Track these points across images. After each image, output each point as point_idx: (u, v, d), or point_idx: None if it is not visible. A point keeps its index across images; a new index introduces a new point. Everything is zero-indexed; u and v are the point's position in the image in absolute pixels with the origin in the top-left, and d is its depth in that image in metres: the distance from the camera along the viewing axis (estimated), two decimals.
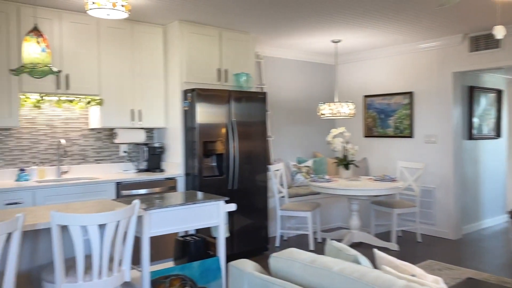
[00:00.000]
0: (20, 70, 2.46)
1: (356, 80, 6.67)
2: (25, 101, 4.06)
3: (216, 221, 2.98)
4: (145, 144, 4.83)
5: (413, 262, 3.68)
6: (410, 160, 5.88)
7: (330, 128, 6.59)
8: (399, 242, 5.26)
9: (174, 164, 4.68)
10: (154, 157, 4.82)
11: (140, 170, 4.81)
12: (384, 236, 5.51)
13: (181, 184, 4.58)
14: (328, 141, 5.39)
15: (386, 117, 6.26)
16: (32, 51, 2.39)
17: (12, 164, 4.15)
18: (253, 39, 5.16)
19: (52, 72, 2.50)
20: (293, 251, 1.74)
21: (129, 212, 2.38)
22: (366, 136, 6.52)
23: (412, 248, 5.19)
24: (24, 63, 2.41)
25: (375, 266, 1.81)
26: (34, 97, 4.10)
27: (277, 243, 5.27)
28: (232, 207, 3.07)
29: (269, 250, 5.04)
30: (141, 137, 4.73)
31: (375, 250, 1.91)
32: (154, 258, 3.02)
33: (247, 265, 1.80)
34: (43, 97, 4.12)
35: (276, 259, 1.72)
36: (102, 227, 2.26)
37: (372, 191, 4.75)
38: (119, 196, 4.14)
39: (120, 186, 4.15)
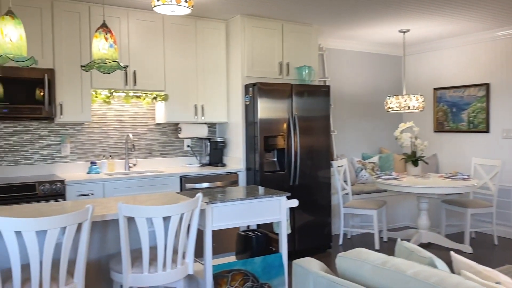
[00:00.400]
0: (89, 65, 2.55)
1: (425, 72, 6.30)
2: (96, 97, 4.25)
3: (278, 217, 2.92)
4: (208, 139, 4.89)
5: (490, 267, 3.39)
6: (485, 156, 5.46)
7: (396, 122, 6.30)
8: (473, 244, 4.90)
9: (236, 159, 4.69)
10: (216, 151, 4.86)
11: (203, 164, 4.87)
12: (456, 237, 5.16)
13: (242, 179, 4.58)
14: (395, 136, 5.13)
15: (459, 110, 5.86)
16: (101, 46, 2.47)
17: (84, 157, 4.37)
18: (315, 31, 5.03)
19: (119, 67, 2.56)
20: (362, 251, 1.63)
21: (193, 205, 2.39)
22: (436, 131, 6.15)
23: (488, 252, 4.81)
24: (94, 58, 2.49)
25: (452, 270, 1.66)
26: (104, 93, 4.28)
27: (340, 241, 5.11)
28: (294, 203, 2.99)
29: (332, 248, 4.91)
30: (203, 132, 4.79)
31: (453, 253, 1.75)
32: (216, 252, 3.03)
33: (312, 264, 1.72)
34: (113, 93, 4.29)
35: (344, 259, 1.62)
36: (166, 219, 2.29)
37: (444, 189, 4.45)
38: (183, 189, 4.22)
39: (184, 179, 4.23)
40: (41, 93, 3.74)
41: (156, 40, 4.38)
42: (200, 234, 2.65)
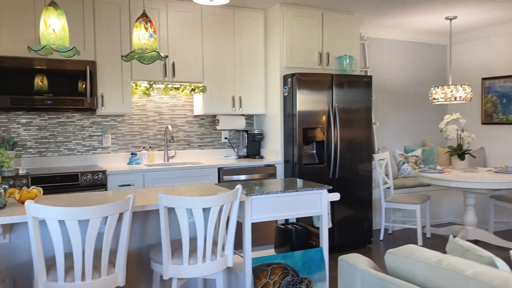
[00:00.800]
0: (130, 56, 2.54)
1: (472, 61, 5.98)
2: (136, 89, 4.29)
3: (318, 211, 2.84)
4: (245, 131, 4.84)
5: None
6: None
7: (441, 114, 6.03)
8: None
9: (273, 151, 4.62)
10: (253, 143, 4.81)
11: (240, 157, 4.83)
12: (506, 235, 4.90)
13: (280, 171, 4.51)
14: (440, 128, 4.90)
15: (509, 101, 5.53)
16: (141, 36, 2.45)
17: (125, 148, 4.43)
18: (356, 19, 4.86)
19: (159, 57, 2.55)
20: (414, 248, 1.53)
21: (232, 197, 2.34)
22: (484, 123, 5.84)
23: None
24: (134, 48, 2.48)
25: None
26: (144, 85, 4.31)
27: (381, 237, 4.96)
28: (336, 196, 2.90)
29: (372, 244, 4.77)
30: (241, 123, 4.75)
31: None
32: (254, 244, 2.99)
33: (359, 261, 1.63)
34: (152, 85, 4.31)
35: (394, 256, 1.52)
36: (206, 211, 2.26)
37: (493, 184, 4.21)
38: (220, 181, 4.20)
39: (222, 171, 4.20)
40: (83, 85, 3.80)
41: (194, 32, 4.36)
42: (239, 227, 2.61)
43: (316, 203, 2.82)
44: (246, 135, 4.82)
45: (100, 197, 2.52)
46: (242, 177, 4.30)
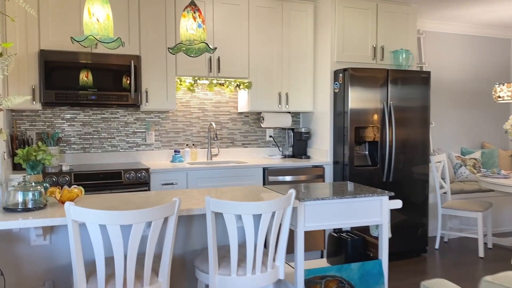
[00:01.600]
0: (177, 48, 2.37)
1: None
2: (181, 84, 4.15)
3: (378, 219, 2.57)
4: (291, 129, 4.61)
5: None
6: None
7: (503, 114, 5.56)
8: None
9: (321, 151, 4.36)
10: (300, 142, 4.57)
11: (285, 156, 4.61)
12: None
13: (329, 173, 4.24)
14: (505, 129, 4.47)
15: None
16: (189, 26, 2.27)
17: (168, 145, 4.30)
18: (413, 11, 4.50)
19: (208, 49, 2.36)
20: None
21: (285, 203, 2.12)
22: None
23: None
24: (181, 40, 2.31)
25: None
26: (188, 80, 4.16)
27: (437, 245, 4.59)
28: (397, 204, 2.61)
29: (427, 253, 4.42)
30: (287, 121, 4.52)
31: None
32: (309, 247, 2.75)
33: None
34: (196, 81, 4.16)
35: (491, 286, 1.25)
36: (256, 217, 2.05)
37: None
38: (265, 182, 3.99)
39: (267, 171, 3.99)
40: (127, 80, 3.70)
41: (240, 25, 4.16)
42: (289, 235, 2.39)
43: (376, 211, 2.55)
44: (292, 134, 4.59)
45: (143, 198, 2.37)
46: (288, 178, 4.07)
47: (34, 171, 2.18)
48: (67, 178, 3.33)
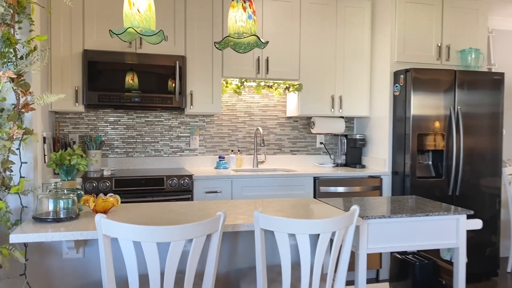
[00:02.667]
0: (224, 42, 2.13)
1: None
2: (227, 86, 3.93)
3: (453, 242, 2.19)
4: (345, 136, 4.26)
5: None
6: None
7: None
8: None
9: (378, 160, 3.98)
10: (354, 150, 4.21)
11: (338, 165, 4.26)
12: None
13: (387, 185, 3.85)
14: None
15: None
16: (238, 18, 2.03)
17: (212, 151, 4.09)
18: (484, 7, 4.04)
19: (258, 44, 2.10)
20: None
21: (348, 221, 1.81)
22: None
23: None
24: (229, 33, 2.06)
25: None
26: (235, 82, 3.93)
27: (509, 268, 4.07)
28: (477, 224, 2.22)
29: (498, 276, 3.92)
30: (340, 127, 4.18)
31: None
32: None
33: None
34: (243, 83, 3.92)
35: None
36: (312, 235, 1.75)
37: None
38: (316, 193, 3.67)
39: (318, 181, 3.67)
40: (172, 82, 3.51)
41: (291, 23, 3.88)
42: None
43: (451, 232, 2.18)
44: (345, 141, 4.24)
45: (185, 209, 2.13)
46: (340, 189, 3.72)
47: (68, 177, 2.00)
48: (107, 184, 3.17)
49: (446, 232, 2.17)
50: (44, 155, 3.16)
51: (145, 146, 3.91)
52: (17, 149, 1.82)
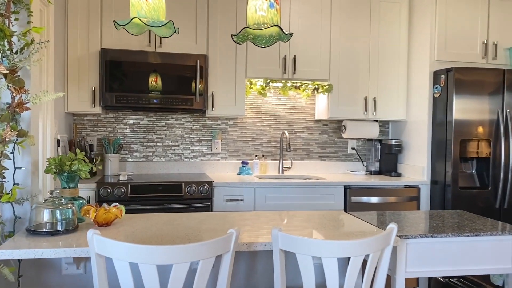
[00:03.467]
0: (243, 35, 1.89)
1: None
2: (251, 87, 3.70)
3: (508, 267, 1.86)
4: (379, 141, 3.94)
5: None
6: None
7: None
8: None
9: (416, 168, 3.65)
10: (388, 157, 3.89)
11: (371, 172, 3.95)
12: None
13: (425, 195, 3.51)
14: None
15: None
16: (258, 6, 1.79)
17: (235, 156, 3.86)
18: None
19: (281, 36, 1.85)
20: None
21: (383, 242, 1.53)
22: None
23: None
24: (248, 24, 1.82)
25: None
26: (259, 83, 3.70)
27: None
28: None
29: None
30: (374, 131, 3.87)
31: None
32: None
33: None
34: (269, 83, 3.68)
35: None
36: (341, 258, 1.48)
37: None
38: (347, 203, 3.37)
39: (350, 191, 3.38)
40: (193, 83, 3.31)
41: (321, 19, 3.62)
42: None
43: (505, 255, 1.85)
44: (379, 146, 3.92)
45: (198, 222, 1.90)
46: (374, 199, 3.41)
47: (70, 184, 1.81)
48: (122, 190, 2.99)
49: (500, 255, 1.85)
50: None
51: (165, 150, 3.73)
52: (11, 153, 1.64)
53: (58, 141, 2.98)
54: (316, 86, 3.74)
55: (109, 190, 2.97)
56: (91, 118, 3.59)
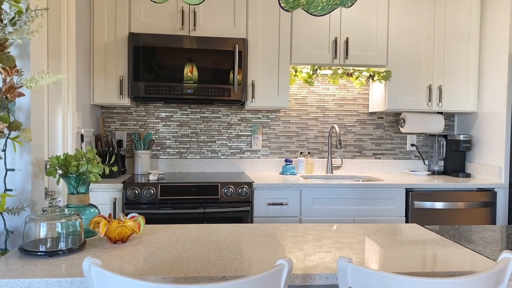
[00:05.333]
0: (293, 1, 1.47)
1: None
2: (296, 76, 3.27)
3: None
4: (444, 136, 3.42)
5: None
6: None
7: None
8: None
9: (489, 168, 3.10)
10: (455, 155, 3.35)
11: (434, 172, 3.43)
12: None
13: (502, 201, 2.97)
14: None
15: None
16: None
17: (278, 153, 3.45)
18: None
19: (343, 0, 1.42)
20: None
21: (498, 278, 1.07)
22: None
23: None
24: None
25: None
26: (306, 70, 3.26)
27: None
28: None
29: None
30: (438, 125, 3.34)
31: None
32: None
33: None
34: (316, 70, 3.24)
35: None
36: None
37: None
38: (409, 209, 2.89)
39: (412, 194, 2.89)
40: (230, 70, 2.92)
41: None
42: None
43: None
44: (444, 142, 3.40)
45: (234, 240, 1.51)
46: (439, 205, 2.91)
47: (80, 189, 1.46)
48: (152, 191, 2.65)
49: None
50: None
51: (200, 146, 3.37)
52: (2, 150, 1.31)
53: (82, 136, 2.68)
54: (372, 73, 3.26)
55: (137, 191, 2.64)
56: (120, 111, 3.29)
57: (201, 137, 3.38)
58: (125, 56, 2.92)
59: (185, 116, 3.36)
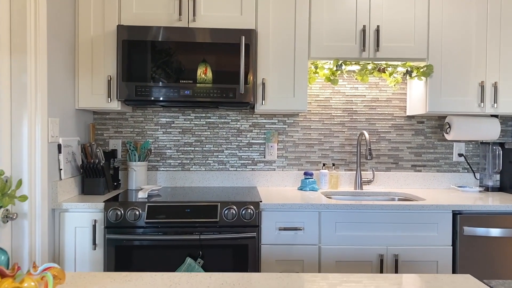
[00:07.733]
0: None
1: None
2: (316, 73, 2.75)
3: None
4: (499, 144, 2.80)
5: None
6: None
7: None
8: None
9: None
10: None
11: (488, 189, 2.81)
12: None
13: None
14: None
15: None
16: None
17: (296, 164, 2.94)
18: None
19: None
20: None
21: None
22: None
23: None
24: None
25: None
26: (328, 66, 2.73)
27: None
28: None
29: None
30: (492, 131, 2.73)
31: None
32: None
33: None
34: (341, 66, 2.70)
35: None
36: None
37: None
38: (457, 236, 2.30)
39: (461, 218, 2.30)
40: (236, 67, 2.44)
41: None
42: None
43: None
44: (500, 152, 2.77)
45: None
46: (495, 231, 2.31)
47: None
48: (137, 213, 2.20)
49: None
50: (60, 169, 2.31)
51: (206, 157, 2.91)
52: None
53: (60, 146, 2.28)
54: (409, 69, 2.69)
55: (119, 213, 2.20)
56: (115, 117, 2.88)
57: (206, 146, 2.92)
58: (114, 52, 2.50)
59: (188, 122, 2.91)
